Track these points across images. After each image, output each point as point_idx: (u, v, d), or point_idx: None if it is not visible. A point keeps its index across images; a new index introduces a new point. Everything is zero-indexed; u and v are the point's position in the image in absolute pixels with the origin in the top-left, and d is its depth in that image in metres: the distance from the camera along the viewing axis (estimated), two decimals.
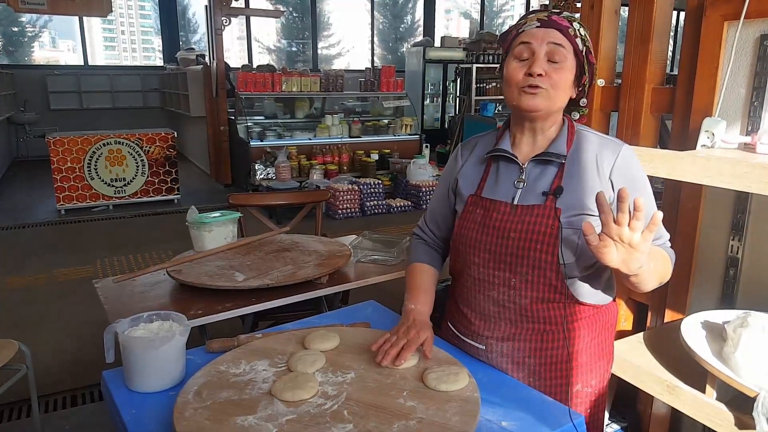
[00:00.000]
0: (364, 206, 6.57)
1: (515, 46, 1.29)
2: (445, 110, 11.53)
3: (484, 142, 1.47)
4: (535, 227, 1.28)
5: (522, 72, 1.27)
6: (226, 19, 7.61)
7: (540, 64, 1.25)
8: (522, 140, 1.38)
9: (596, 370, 1.40)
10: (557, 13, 1.29)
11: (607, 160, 1.31)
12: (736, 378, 1.26)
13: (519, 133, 1.38)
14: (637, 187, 1.31)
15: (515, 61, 1.29)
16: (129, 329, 1.32)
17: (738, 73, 1.68)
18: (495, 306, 1.36)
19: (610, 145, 1.33)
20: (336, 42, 16.91)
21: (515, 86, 1.29)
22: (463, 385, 1.19)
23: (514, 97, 1.30)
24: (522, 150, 1.38)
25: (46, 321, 3.74)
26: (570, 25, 1.28)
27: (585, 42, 1.30)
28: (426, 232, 1.60)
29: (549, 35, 1.26)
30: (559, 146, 1.33)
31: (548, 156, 1.32)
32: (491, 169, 1.41)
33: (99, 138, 6.58)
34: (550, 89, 1.27)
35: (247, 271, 2.05)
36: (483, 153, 1.44)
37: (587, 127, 1.40)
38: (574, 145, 1.34)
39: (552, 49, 1.26)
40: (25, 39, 13.60)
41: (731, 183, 1.35)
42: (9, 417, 2.72)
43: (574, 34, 1.28)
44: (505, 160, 1.38)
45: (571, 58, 1.28)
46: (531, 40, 1.26)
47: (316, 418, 1.09)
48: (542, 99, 1.27)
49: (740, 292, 1.77)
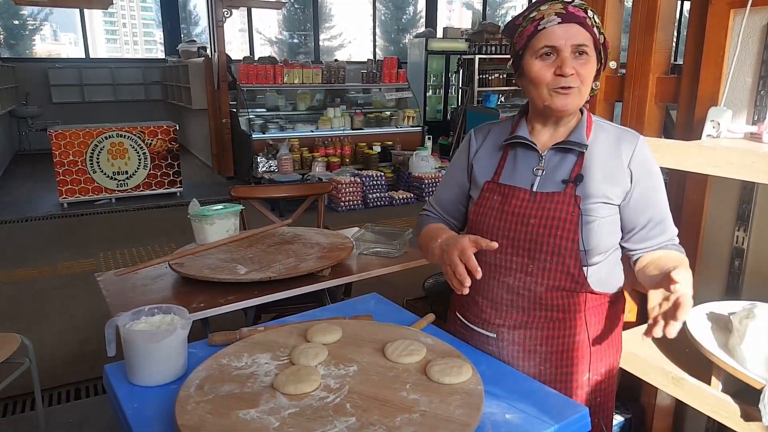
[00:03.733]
0: (367, 199, 6.56)
1: (537, 47, 1.26)
2: (448, 102, 11.49)
3: (498, 129, 1.46)
4: (556, 213, 1.29)
5: (550, 72, 1.25)
6: (228, 10, 7.57)
7: (569, 63, 1.23)
8: (542, 130, 1.37)
9: (606, 358, 1.41)
10: (570, 2, 1.27)
11: (626, 151, 1.31)
12: (741, 369, 1.25)
13: (540, 124, 1.37)
14: (654, 179, 1.33)
15: (538, 59, 1.26)
16: (130, 323, 1.31)
17: (744, 61, 1.66)
18: (508, 293, 1.36)
19: (627, 136, 1.34)
20: (338, 33, 16.88)
21: (545, 87, 1.27)
22: (466, 377, 1.19)
23: (545, 98, 1.28)
24: (541, 138, 1.37)
25: (49, 314, 3.75)
26: (586, 14, 1.26)
27: (600, 29, 1.29)
28: (434, 212, 1.58)
29: (571, 33, 1.23)
30: (580, 135, 1.33)
31: (569, 145, 1.32)
32: (509, 156, 1.40)
33: (101, 131, 6.57)
34: (580, 86, 1.26)
35: (249, 264, 2.04)
36: (498, 140, 1.43)
37: (601, 118, 1.40)
38: (592, 134, 1.34)
39: (577, 45, 1.24)
40: (26, 32, 13.61)
41: (738, 173, 1.34)
42: (12, 411, 2.72)
43: (591, 24, 1.26)
44: (524, 147, 1.37)
45: (593, 50, 1.27)
46: (554, 39, 1.24)
47: (319, 412, 1.09)
48: (574, 97, 1.27)
49: (746, 283, 1.76)
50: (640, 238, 1.35)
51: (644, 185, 1.31)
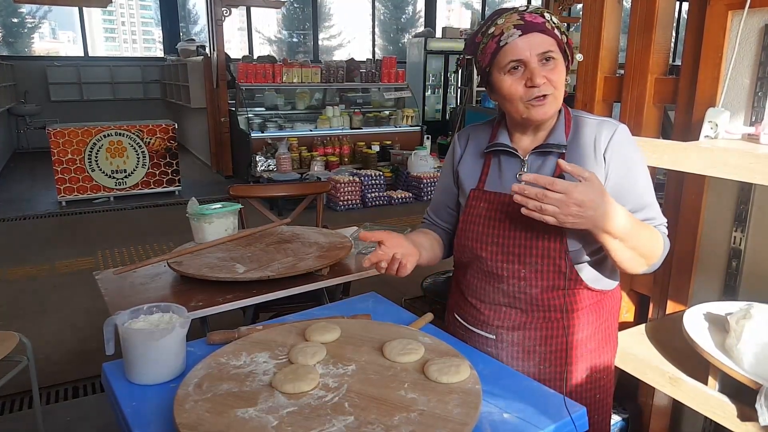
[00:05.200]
0: (365, 198, 6.57)
1: (504, 63, 1.25)
2: (447, 101, 11.50)
3: (478, 134, 1.47)
4: None
5: (521, 85, 1.25)
6: (227, 9, 7.57)
7: (539, 74, 1.23)
8: (522, 136, 1.38)
9: (603, 356, 1.42)
10: (524, 10, 1.26)
11: (603, 140, 1.30)
12: (738, 370, 1.26)
13: (519, 132, 1.38)
14: (630, 166, 1.30)
15: (506, 75, 1.26)
16: (129, 321, 1.32)
17: (742, 63, 1.67)
18: (505, 297, 1.37)
19: (606, 125, 1.32)
20: (337, 33, 16.87)
21: (519, 101, 1.27)
22: (464, 377, 1.19)
23: (521, 111, 1.28)
24: (522, 143, 1.37)
25: (47, 313, 3.75)
26: (544, 18, 1.25)
27: (560, 29, 1.27)
28: (429, 219, 1.60)
29: (535, 43, 1.23)
30: (558, 136, 1.32)
31: (548, 147, 1.32)
32: (492, 163, 1.40)
33: (99, 129, 6.56)
34: (554, 92, 1.26)
35: (247, 262, 2.05)
36: (479, 146, 1.43)
37: (583, 111, 1.39)
38: (571, 132, 1.33)
39: (543, 54, 1.24)
40: (24, 30, 13.58)
41: (736, 174, 1.34)
42: (10, 409, 2.73)
43: (551, 27, 1.25)
44: (506, 153, 1.38)
45: (559, 53, 1.27)
46: (520, 55, 1.23)
47: (317, 410, 1.09)
48: (550, 105, 1.27)
49: (743, 284, 1.76)
50: None
51: (619, 173, 1.29)
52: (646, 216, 1.31)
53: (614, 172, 1.29)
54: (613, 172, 1.29)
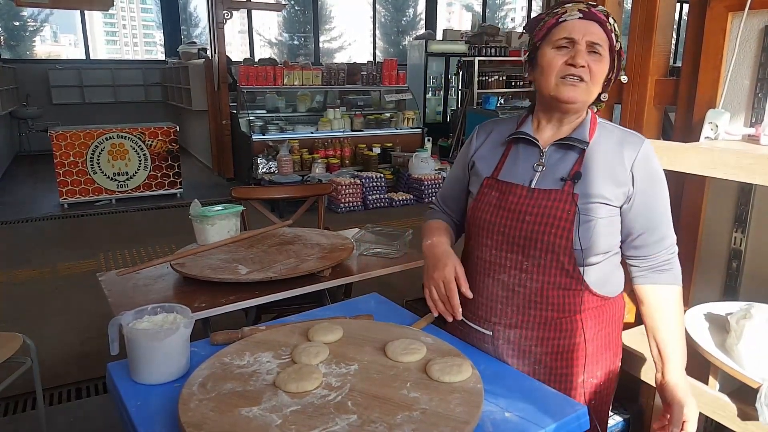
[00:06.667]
0: (366, 200, 6.57)
1: (556, 38, 1.28)
2: (447, 104, 11.51)
3: (502, 126, 1.48)
4: (551, 211, 1.29)
5: (561, 61, 1.27)
6: (228, 12, 7.59)
7: (583, 56, 1.25)
8: (546, 126, 1.39)
9: (602, 362, 1.40)
10: (594, 5, 1.29)
11: (629, 153, 1.31)
12: (739, 369, 1.27)
13: (545, 120, 1.39)
14: (655, 180, 1.32)
15: (553, 49, 1.28)
16: (133, 321, 1.32)
17: (742, 64, 1.67)
18: (503, 290, 1.37)
19: (632, 139, 1.33)
20: (338, 35, 16.89)
21: (554, 75, 1.28)
22: (466, 376, 1.20)
23: (552, 87, 1.29)
24: (544, 135, 1.38)
25: (51, 314, 3.76)
26: (607, 19, 1.28)
27: (618, 38, 1.31)
28: (438, 206, 1.63)
29: (590, 30, 1.26)
30: (582, 133, 1.33)
31: (571, 141, 1.33)
32: (510, 152, 1.42)
33: (101, 132, 6.58)
34: (589, 82, 1.27)
35: (250, 264, 2.05)
36: (502, 137, 1.45)
37: (607, 121, 1.41)
38: (596, 134, 1.34)
39: (592, 42, 1.26)
40: (26, 33, 13.62)
41: (736, 174, 1.35)
42: (14, 410, 2.73)
43: (610, 29, 1.28)
44: (526, 143, 1.39)
45: (607, 53, 1.29)
46: (572, 32, 1.26)
47: (320, 409, 1.10)
48: (581, 92, 1.28)
49: (743, 284, 1.77)
50: (638, 244, 1.34)
51: (647, 190, 1.31)
52: (663, 234, 1.33)
53: (643, 189, 1.31)
54: (642, 188, 1.31)
